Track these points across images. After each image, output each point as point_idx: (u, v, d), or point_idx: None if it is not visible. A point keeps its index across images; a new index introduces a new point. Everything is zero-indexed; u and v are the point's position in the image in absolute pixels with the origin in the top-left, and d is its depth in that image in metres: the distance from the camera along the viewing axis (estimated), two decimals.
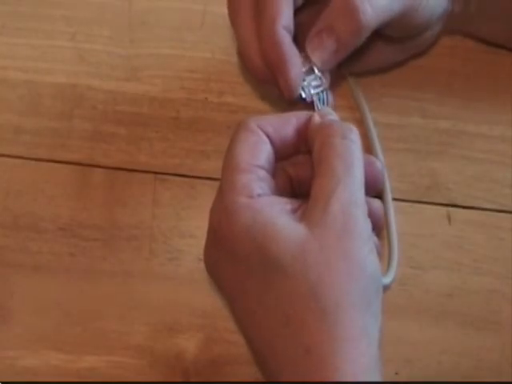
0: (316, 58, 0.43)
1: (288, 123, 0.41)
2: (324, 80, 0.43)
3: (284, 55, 0.41)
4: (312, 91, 0.43)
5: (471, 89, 0.50)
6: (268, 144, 0.40)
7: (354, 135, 0.39)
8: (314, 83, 0.43)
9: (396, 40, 0.47)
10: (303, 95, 0.43)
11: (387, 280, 0.45)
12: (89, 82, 0.50)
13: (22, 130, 0.49)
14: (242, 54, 0.44)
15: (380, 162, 0.41)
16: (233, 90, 0.50)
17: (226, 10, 0.45)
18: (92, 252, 0.46)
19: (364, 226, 0.37)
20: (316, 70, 0.43)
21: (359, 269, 0.36)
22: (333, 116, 0.42)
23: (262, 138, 0.40)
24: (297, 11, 0.43)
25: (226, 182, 0.38)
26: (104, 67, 0.50)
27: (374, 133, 0.48)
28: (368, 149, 0.47)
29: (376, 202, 0.41)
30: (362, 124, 0.48)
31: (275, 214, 0.37)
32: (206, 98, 0.49)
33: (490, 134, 0.49)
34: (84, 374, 0.44)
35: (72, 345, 0.45)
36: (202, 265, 0.45)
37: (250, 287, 0.37)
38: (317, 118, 0.41)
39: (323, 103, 0.43)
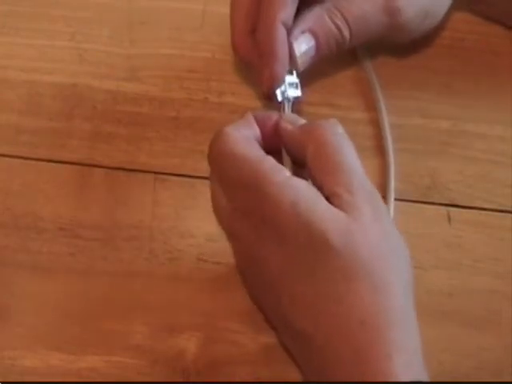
0: (298, 53, 0.44)
1: (264, 125, 0.42)
2: (300, 88, 0.45)
3: (276, 51, 0.43)
4: (288, 95, 0.44)
5: (471, 89, 0.50)
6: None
7: (340, 128, 0.41)
8: (290, 88, 0.44)
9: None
10: (278, 96, 0.44)
11: None
12: (89, 81, 0.50)
13: (22, 129, 0.49)
14: (232, 34, 0.46)
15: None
16: (233, 90, 0.50)
17: (226, 10, 0.45)
18: (92, 252, 0.46)
19: (387, 210, 0.40)
20: (295, 75, 0.44)
21: (397, 249, 0.39)
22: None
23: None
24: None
25: (253, 171, 0.39)
26: (104, 67, 0.50)
27: (388, 133, 0.48)
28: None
29: None
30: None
31: (314, 195, 0.38)
32: (206, 98, 0.49)
33: (490, 133, 0.49)
34: (84, 373, 0.44)
35: (72, 345, 0.45)
36: (202, 265, 0.46)
37: (299, 267, 0.37)
38: (288, 126, 0.42)
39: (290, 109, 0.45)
